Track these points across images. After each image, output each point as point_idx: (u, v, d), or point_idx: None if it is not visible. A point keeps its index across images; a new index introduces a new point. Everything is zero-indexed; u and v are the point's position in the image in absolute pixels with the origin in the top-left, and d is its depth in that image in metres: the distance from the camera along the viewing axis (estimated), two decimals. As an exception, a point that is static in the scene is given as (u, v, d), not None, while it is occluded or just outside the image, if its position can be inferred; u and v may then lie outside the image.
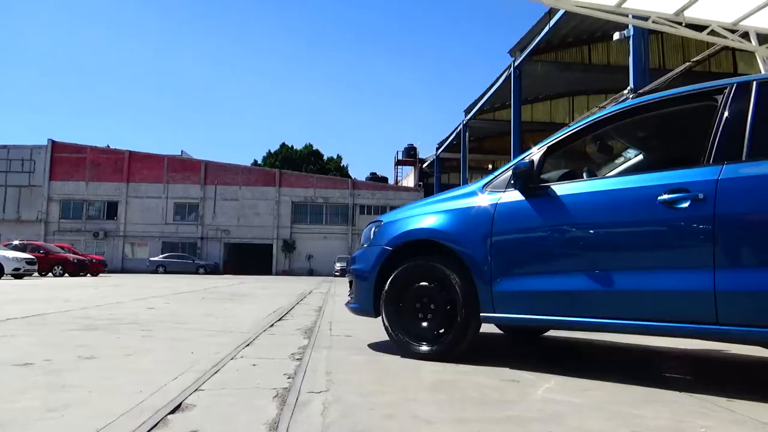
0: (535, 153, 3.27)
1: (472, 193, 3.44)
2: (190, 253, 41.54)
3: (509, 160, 3.53)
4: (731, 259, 2.53)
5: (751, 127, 2.63)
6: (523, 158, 3.28)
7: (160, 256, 39.67)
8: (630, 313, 2.77)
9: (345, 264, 27.11)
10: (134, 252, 43.43)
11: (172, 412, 2.09)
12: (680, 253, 2.68)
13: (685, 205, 2.63)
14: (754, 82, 2.75)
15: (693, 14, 7.03)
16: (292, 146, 63.48)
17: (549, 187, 3.14)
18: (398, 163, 54.17)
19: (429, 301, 3.41)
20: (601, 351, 4.20)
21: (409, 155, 51.49)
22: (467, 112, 31.26)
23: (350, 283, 3.96)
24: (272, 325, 5.16)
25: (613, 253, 2.89)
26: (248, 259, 43.05)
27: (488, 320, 3.25)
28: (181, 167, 44.80)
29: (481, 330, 3.44)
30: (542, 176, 3.25)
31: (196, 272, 36.18)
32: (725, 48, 9.50)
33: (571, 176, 3.27)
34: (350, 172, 63.80)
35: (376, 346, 3.89)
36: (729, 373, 3.43)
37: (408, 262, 3.51)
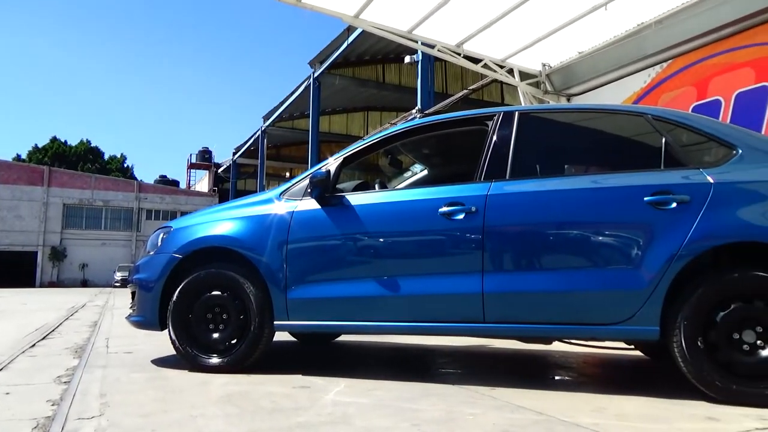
0: (332, 163, 3.37)
1: (269, 200, 3.41)
2: None
3: (307, 169, 3.58)
4: (495, 264, 2.89)
5: (513, 150, 3.05)
6: (320, 168, 3.35)
7: None
8: (414, 316, 3.00)
9: (127, 273, 24.71)
10: None
11: None
12: (456, 260, 2.99)
13: (461, 216, 2.94)
14: (516, 113, 3.20)
15: (470, 48, 7.96)
16: (66, 141, 55.99)
17: (344, 196, 3.25)
18: (191, 166, 51.34)
19: (221, 310, 3.28)
20: (385, 352, 4.46)
21: (204, 159, 49.22)
22: (266, 118, 30.96)
23: (132, 294, 3.63)
24: (33, 345, 4.48)
25: (399, 260, 3.10)
26: (5, 269, 36.73)
27: (282, 328, 3.24)
28: None
29: (275, 338, 3.41)
30: (338, 186, 3.36)
31: (-69, 285, 29.84)
32: (495, 81, 10.93)
33: (364, 187, 3.46)
34: (136, 174, 58.74)
35: (161, 362, 3.62)
36: (492, 366, 3.91)
37: (199, 271, 3.34)
